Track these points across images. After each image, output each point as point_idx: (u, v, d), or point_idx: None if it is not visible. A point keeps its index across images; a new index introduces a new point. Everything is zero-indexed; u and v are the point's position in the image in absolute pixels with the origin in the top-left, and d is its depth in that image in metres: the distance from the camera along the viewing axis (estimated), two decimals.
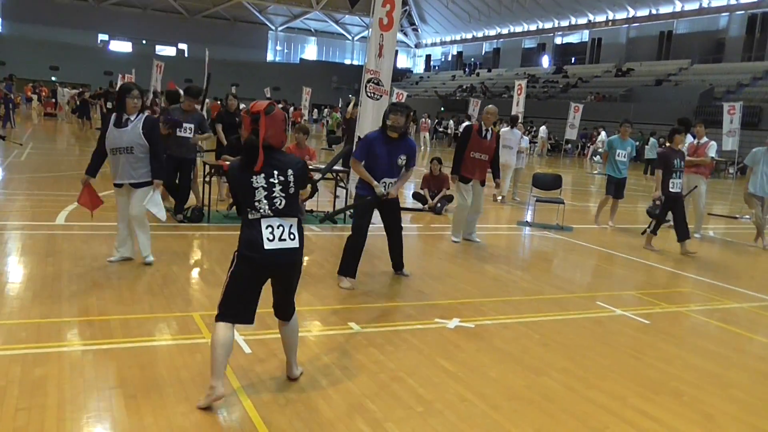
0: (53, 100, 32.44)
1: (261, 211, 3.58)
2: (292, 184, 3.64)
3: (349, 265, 6.11)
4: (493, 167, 8.63)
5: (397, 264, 6.69)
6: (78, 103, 26.51)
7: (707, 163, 10.56)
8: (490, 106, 8.82)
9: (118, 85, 6.49)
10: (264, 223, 3.58)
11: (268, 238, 3.57)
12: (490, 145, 8.44)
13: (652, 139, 23.21)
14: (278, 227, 3.60)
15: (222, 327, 3.59)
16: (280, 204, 3.60)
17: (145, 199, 6.12)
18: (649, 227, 9.21)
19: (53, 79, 43.95)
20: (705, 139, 10.62)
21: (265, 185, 3.57)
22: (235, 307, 3.64)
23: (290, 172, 3.63)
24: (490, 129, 8.46)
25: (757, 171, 10.06)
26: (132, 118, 6.03)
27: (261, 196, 3.57)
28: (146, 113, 6.26)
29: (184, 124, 8.41)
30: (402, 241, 6.62)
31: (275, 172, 3.58)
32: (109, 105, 19.60)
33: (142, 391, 3.61)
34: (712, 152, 10.49)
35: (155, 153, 6.17)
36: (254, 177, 3.56)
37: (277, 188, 3.59)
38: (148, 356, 4.11)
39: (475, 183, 8.53)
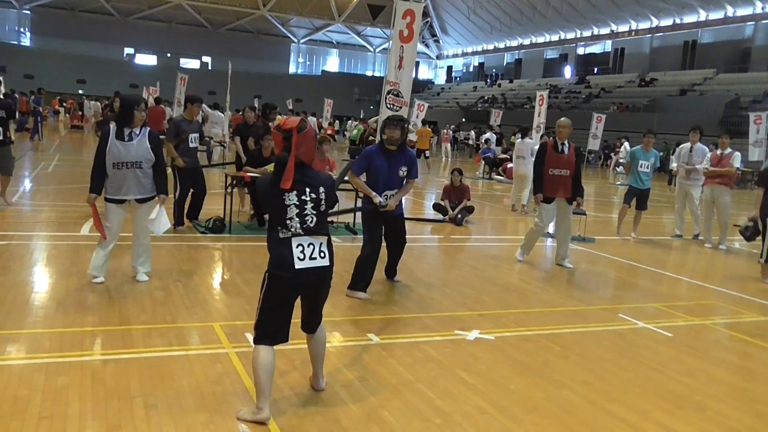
0: (80, 113, 32.99)
1: (292, 229, 3.56)
2: (323, 202, 3.65)
3: (359, 280, 6.10)
4: (575, 184, 8.09)
5: (391, 272, 6.74)
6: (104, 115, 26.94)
7: (732, 174, 10.45)
8: (562, 119, 8.35)
9: (120, 97, 6.25)
10: (294, 242, 3.56)
11: (298, 257, 3.55)
12: (569, 159, 8.04)
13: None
14: (308, 246, 3.58)
15: (263, 350, 3.56)
16: (311, 222, 3.60)
17: (152, 213, 5.96)
18: (762, 257, 8.28)
19: (80, 92, 44.78)
20: (729, 149, 10.51)
21: (297, 203, 3.56)
22: (272, 327, 3.62)
23: (322, 189, 3.64)
24: (566, 143, 8.12)
25: None
26: (137, 132, 5.84)
27: (293, 214, 3.56)
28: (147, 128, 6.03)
29: (191, 135, 8.64)
30: (401, 256, 6.62)
31: (307, 190, 3.58)
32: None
33: (162, 401, 3.64)
34: (736, 162, 10.39)
35: (160, 167, 6.04)
36: (286, 194, 3.55)
37: (309, 206, 3.59)
38: (169, 366, 4.15)
39: (560, 201, 8.14)
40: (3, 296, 5.30)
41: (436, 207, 11.77)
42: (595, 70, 51.43)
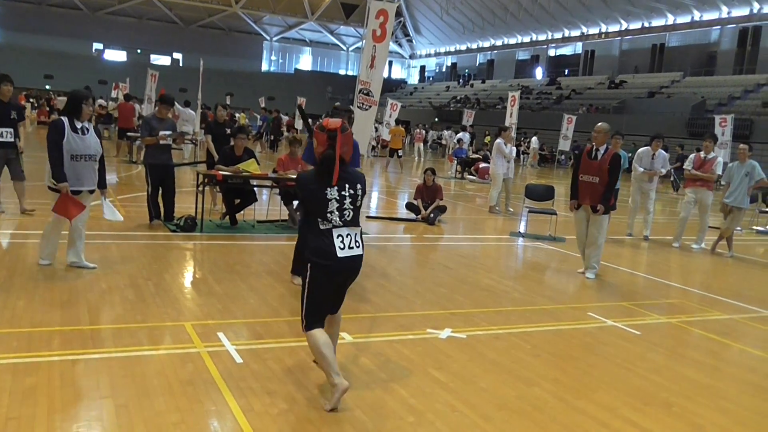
0: (47, 109, 32.40)
1: (332, 222, 3.80)
2: (359, 198, 3.92)
3: (301, 264, 6.18)
4: (605, 191, 7.71)
5: None
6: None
7: (712, 180, 10.68)
8: (599, 123, 7.96)
9: (70, 93, 6.38)
10: (335, 232, 3.81)
11: (339, 247, 3.80)
12: (600, 166, 7.69)
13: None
14: (347, 236, 3.85)
15: (317, 332, 3.82)
16: (349, 216, 3.86)
17: (106, 213, 6.47)
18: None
19: (47, 87, 43.96)
20: (713, 154, 10.71)
21: (338, 198, 3.81)
22: (318, 313, 3.89)
23: (359, 186, 3.91)
24: (601, 149, 7.79)
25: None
26: (87, 126, 6.16)
27: (333, 208, 3.80)
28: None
29: (162, 133, 8.61)
30: None
31: (347, 186, 3.84)
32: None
33: (133, 401, 3.61)
34: (719, 169, 10.61)
35: (103, 160, 6.41)
36: (328, 189, 3.79)
37: (348, 201, 3.85)
38: (140, 366, 4.11)
39: (586, 209, 7.87)
40: None
41: (409, 206, 11.81)
42: (566, 71, 52.07)
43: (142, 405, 3.57)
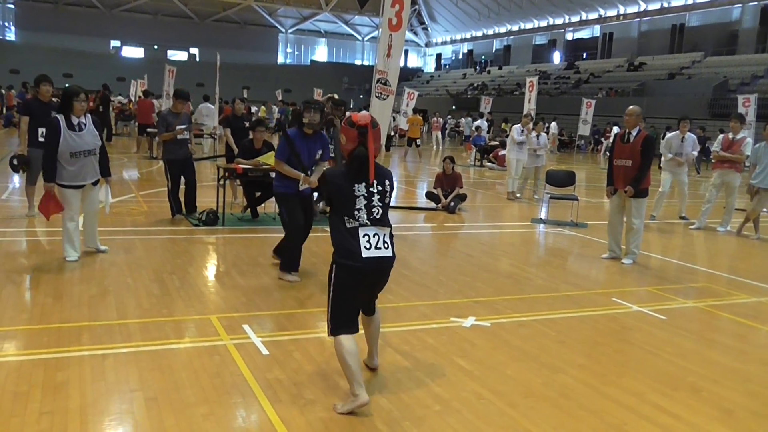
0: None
1: (359, 220, 3.68)
2: (388, 194, 3.80)
3: (289, 261, 6.29)
4: (638, 173, 7.64)
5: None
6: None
7: (741, 160, 10.54)
8: (630, 107, 7.88)
9: (63, 90, 6.56)
10: (361, 231, 3.68)
11: (365, 247, 3.66)
12: (633, 148, 7.65)
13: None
14: (374, 236, 3.70)
15: (345, 339, 3.65)
16: (377, 213, 3.73)
17: (101, 194, 6.69)
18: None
19: (66, 86, 44.43)
20: (741, 134, 10.56)
21: (366, 194, 3.70)
22: (346, 316, 3.72)
23: (387, 182, 3.79)
24: (633, 132, 7.73)
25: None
26: (84, 121, 6.32)
27: (361, 205, 3.68)
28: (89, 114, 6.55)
29: (178, 127, 8.66)
30: (306, 238, 6.68)
31: (375, 182, 3.73)
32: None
33: (162, 394, 3.66)
34: (748, 149, 10.45)
35: (104, 150, 6.64)
36: (356, 186, 3.68)
37: (376, 198, 3.73)
38: (168, 359, 4.16)
39: (621, 195, 7.83)
40: None
41: (429, 195, 11.79)
42: (584, 55, 51.45)
43: (172, 398, 3.62)
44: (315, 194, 9.64)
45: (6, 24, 55.94)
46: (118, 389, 3.69)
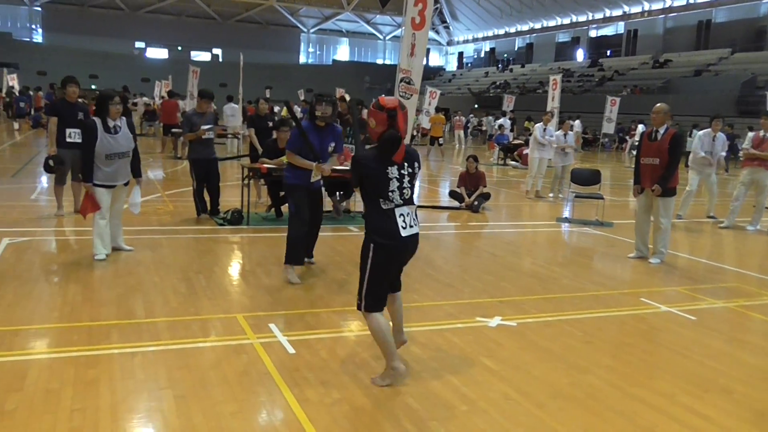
0: (93, 108, 33.20)
1: (394, 201, 3.82)
2: (416, 176, 3.95)
3: (294, 254, 6.23)
4: (665, 171, 7.52)
5: (309, 252, 6.84)
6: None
7: None
8: (658, 104, 7.75)
9: (99, 93, 6.74)
10: (397, 212, 3.83)
11: (402, 226, 3.83)
12: (660, 146, 7.52)
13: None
14: (407, 215, 3.88)
15: (378, 316, 3.88)
16: (408, 194, 3.88)
17: (133, 197, 6.85)
18: None
19: (93, 87, 45.01)
20: None
21: (398, 176, 3.82)
22: (379, 294, 3.92)
23: (416, 164, 3.94)
24: (661, 130, 7.59)
25: None
26: (119, 124, 6.50)
27: (394, 187, 3.81)
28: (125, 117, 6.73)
29: (203, 127, 8.72)
30: (318, 232, 6.74)
31: (405, 164, 3.85)
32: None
33: (190, 392, 3.69)
34: None
35: (136, 153, 6.81)
36: (389, 168, 3.79)
37: (407, 179, 3.86)
38: (195, 357, 4.20)
39: (648, 194, 7.72)
40: (29, 292, 5.37)
41: (452, 194, 11.76)
42: (608, 52, 50.93)
43: (200, 396, 3.65)
44: (338, 194, 9.72)
45: (33, 26, 56.84)
46: (148, 387, 3.73)
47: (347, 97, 9.74)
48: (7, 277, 5.73)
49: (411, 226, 3.88)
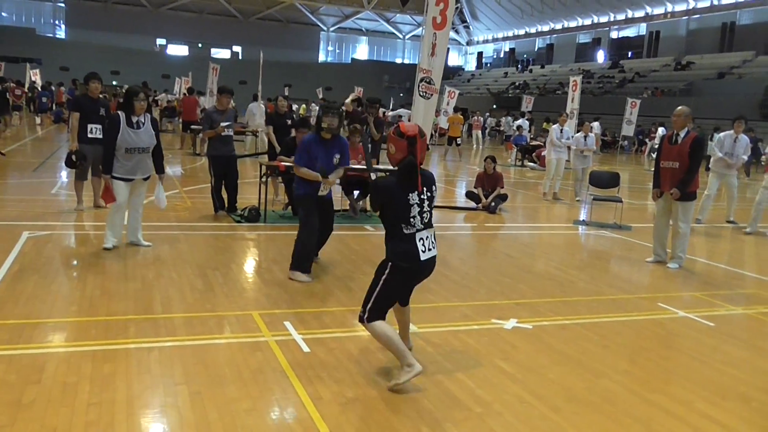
0: (114, 104, 33.49)
1: (415, 226, 3.90)
2: (434, 199, 4.04)
3: (302, 261, 6.21)
4: (685, 175, 7.45)
5: (316, 251, 6.84)
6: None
7: None
8: (679, 107, 7.66)
9: (125, 89, 7.05)
10: (418, 236, 3.92)
11: (422, 250, 3.92)
12: (681, 150, 7.44)
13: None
14: (426, 239, 3.97)
15: (381, 324, 3.94)
16: (427, 218, 3.97)
17: (157, 191, 6.98)
18: None
19: (114, 83, 45.45)
20: None
21: (418, 201, 3.90)
22: (384, 309, 4.00)
23: (434, 188, 4.02)
24: (681, 133, 7.52)
25: None
26: (142, 120, 6.66)
27: (415, 212, 3.89)
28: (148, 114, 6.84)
29: (223, 124, 8.78)
30: (328, 238, 6.75)
31: (424, 189, 3.93)
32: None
33: (206, 388, 3.71)
34: None
35: (159, 149, 6.92)
36: (410, 195, 3.87)
37: (426, 204, 3.95)
38: (211, 354, 4.22)
39: (667, 198, 7.65)
40: (48, 285, 5.43)
41: (469, 195, 11.72)
42: (629, 54, 50.44)
43: (215, 392, 3.67)
44: (355, 192, 9.72)
45: (57, 22, 57.50)
46: (164, 382, 3.75)
47: (360, 97, 9.80)
48: (28, 270, 5.80)
49: (429, 249, 3.97)
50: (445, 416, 3.59)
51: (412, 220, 3.87)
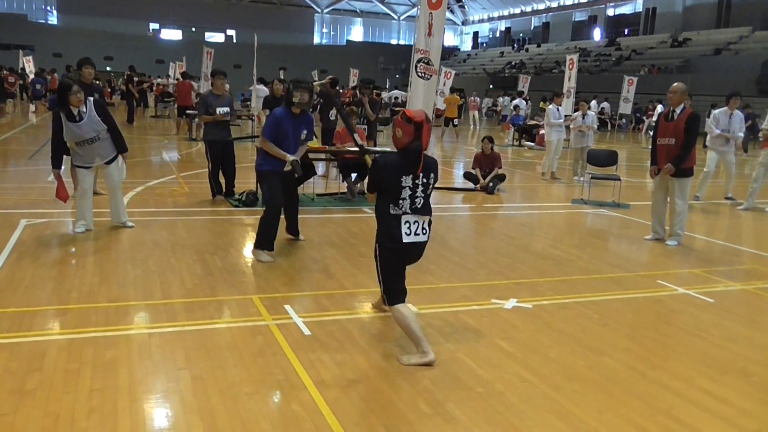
0: (109, 90, 33.31)
1: (402, 208, 4.00)
2: (431, 186, 4.09)
3: (265, 239, 6.24)
4: (681, 151, 7.41)
5: (294, 230, 6.94)
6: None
7: None
8: (675, 83, 7.61)
9: (58, 83, 7.24)
10: (403, 219, 4.01)
11: (405, 233, 4.01)
12: (677, 126, 7.42)
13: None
14: (414, 223, 4.04)
15: (402, 308, 4.07)
16: (419, 204, 4.04)
17: (119, 170, 7.00)
18: None
19: (107, 69, 45.15)
20: None
21: (411, 186, 3.98)
22: (398, 288, 4.13)
23: (432, 175, 4.08)
24: (677, 109, 7.48)
25: None
26: (83, 110, 6.59)
27: (406, 195, 3.98)
28: (91, 98, 6.78)
29: (220, 109, 8.73)
30: (297, 211, 6.86)
31: (421, 174, 4.00)
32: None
33: (207, 372, 3.71)
34: None
35: (114, 130, 6.85)
36: (404, 177, 3.95)
37: (420, 189, 4.02)
38: (212, 339, 4.22)
39: (664, 174, 7.57)
40: (47, 273, 5.42)
41: (467, 176, 11.69)
42: (626, 31, 50.20)
43: (217, 376, 3.67)
44: (353, 175, 9.69)
45: (48, 8, 56.90)
46: (165, 368, 3.76)
47: (335, 78, 9.79)
48: (26, 258, 5.79)
49: (416, 234, 4.04)
50: (447, 396, 3.60)
51: (401, 202, 3.97)
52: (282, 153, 6.18)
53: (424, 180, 4.01)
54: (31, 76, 30.78)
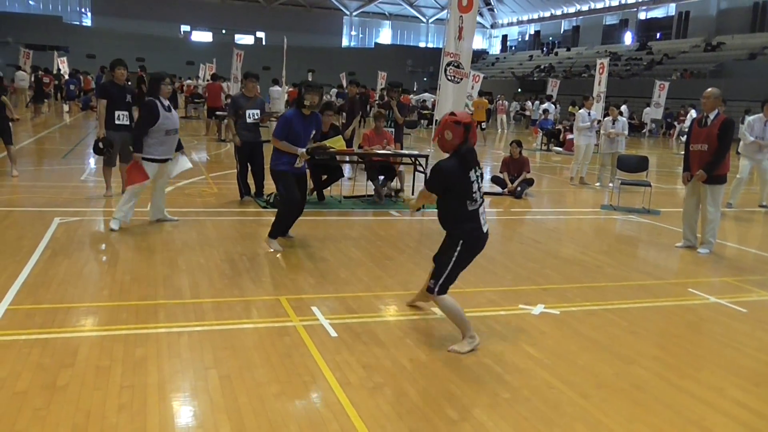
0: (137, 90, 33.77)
1: (476, 200, 4.28)
2: (483, 175, 4.42)
3: (278, 230, 6.72)
4: (713, 158, 7.28)
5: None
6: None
7: None
8: (709, 89, 7.50)
9: (150, 74, 7.29)
10: (480, 210, 4.32)
11: (483, 223, 4.34)
12: (710, 132, 7.29)
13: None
14: (483, 213, 4.36)
15: (448, 297, 4.35)
16: (481, 193, 4.35)
17: (178, 164, 7.48)
18: None
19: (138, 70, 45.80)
20: None
21: (475, 179, 4.28)
22: (453, 281, 4.39)
23: (481, 165, 4.38)
24: (711, 115, 7.36)
25: None
26: (168, 104, 7.14)
27: (475, 188, 4.27)
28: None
29: (249, 111, 8.81)
30: (301, 212, 7.04)
31: (476, 167, 4.31)
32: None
33: (235, 372, 3.74)
34: None
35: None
36: (471, 172, 4.24)
37: (480, 180, 4.34)
38: (240, 339, 4.26)
39: (695, 183, 7.49)
40: (79, 270, 5.52)
41: (495, 180, 11.63)
42: (658, 35, 49.52)
43: (244, 376, 3.70)
44: (380, 178, 9.71)
45: (83, 10, 57.99)
46: (193, 366, 3.80)
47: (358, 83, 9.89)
48: (59, 255, 5.90)
49: (485, 223, 4.36)
50: (474, 401, 3.58)
51: (474, 195, 4.23)
52: (294, 148, 6.52)
53: (479, 171, 4.32)
54: (66, 77, 31.38)
